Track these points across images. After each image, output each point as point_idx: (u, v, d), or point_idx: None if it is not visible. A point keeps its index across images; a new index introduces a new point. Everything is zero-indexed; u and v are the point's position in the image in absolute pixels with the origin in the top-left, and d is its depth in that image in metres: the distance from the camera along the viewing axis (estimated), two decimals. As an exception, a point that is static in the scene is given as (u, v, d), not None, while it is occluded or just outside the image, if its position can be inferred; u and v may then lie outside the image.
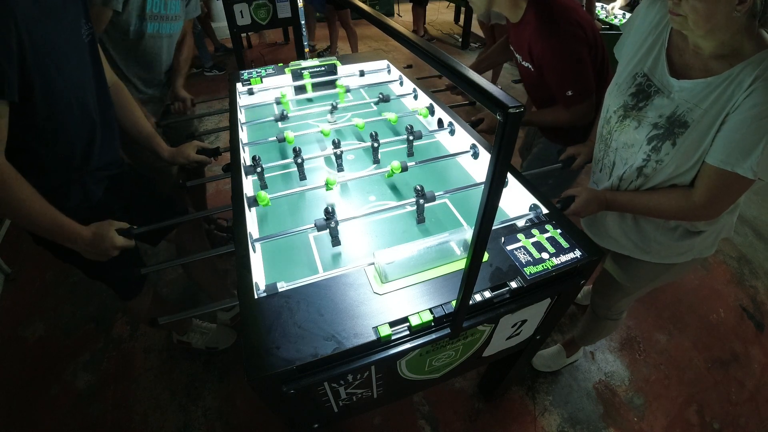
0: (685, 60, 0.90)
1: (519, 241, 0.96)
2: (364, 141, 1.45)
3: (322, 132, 1.41)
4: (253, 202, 1.08)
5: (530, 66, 1.38)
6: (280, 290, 0.86)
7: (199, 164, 1.43)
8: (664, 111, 0.92)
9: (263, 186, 1.27)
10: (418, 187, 1.06)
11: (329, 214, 0.99)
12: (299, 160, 1.25)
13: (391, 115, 1.49)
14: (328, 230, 1.01)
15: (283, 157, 1.40)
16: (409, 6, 5.29)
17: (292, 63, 1.86)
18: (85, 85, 1.07)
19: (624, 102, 1.01)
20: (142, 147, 1.38)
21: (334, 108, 1.59)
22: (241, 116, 1.60)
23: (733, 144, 0.82)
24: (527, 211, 1.07)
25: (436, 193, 1.08)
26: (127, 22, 1.45)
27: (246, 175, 1.22)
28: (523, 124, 1.57)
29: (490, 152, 1.16)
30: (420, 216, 1.11)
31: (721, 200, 0.91)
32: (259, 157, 1.23)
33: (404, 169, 1.19)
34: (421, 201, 1.07)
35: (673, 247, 1.10)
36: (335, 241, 1.03)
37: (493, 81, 3.94)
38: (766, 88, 0.77)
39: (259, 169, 1.21)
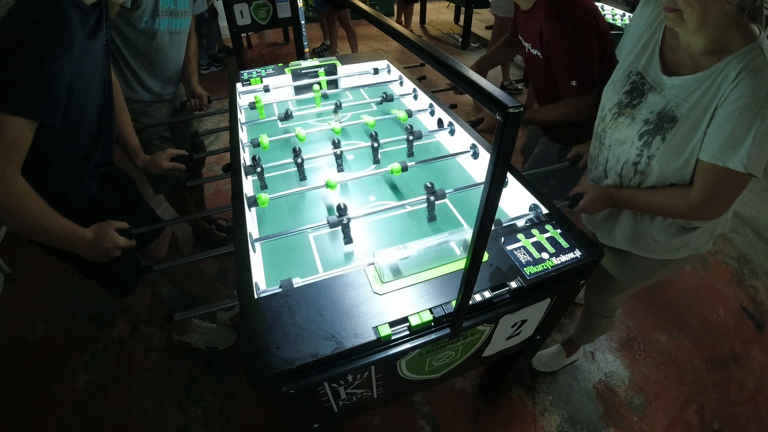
0: (677, 58, 0.92)
1: (519, 241, 0.96)
2: (366, 140, 1.45)
3: (333, 130, 1.41)
4: (253, 202, 1.09)
5: (539, 53, 1.38)
6: (295, 286, 0.86)
7: (174, 171, 1.40)
8: (655, 107, 0.94)
9: (263, 186, 1.27)
10: (429, 184, 1.07)
11: (341, 211, 1.00)
12: (299, 160, 1.25)
13: (401, 113, 1.50)
14: (340, 228, 1.02)
15: (285, 156, 1.40)
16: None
17: (292, 63, 1.86)
18: (101, 95, 1.10)
19: (619, 100, 1.02)
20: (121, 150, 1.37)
21: (338, 107, 1.59)
22: (241, 116, 1.60)
23: (722, 138, 0.83)
24: (527, 211, 1.07)
25: (449, 191, 1.08)
26: (139, 18, 1.44)
27: (246, 175, 1.21)
28: (524, 122, 1.57)
29: (490, 152, 1.16)
30: (431, 213, 1.12)
31: (719, 198, 0.90)
32: (259, 157, 1.23)
33: (404, 169, 1.19)
34: (432, 198, 1.07)
35: (669, 243, 1.11)
36: (347, 239, 1.04)
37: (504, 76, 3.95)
38: (751, 78, 0.77)
39: (258, 169, 1.21)
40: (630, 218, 1.13)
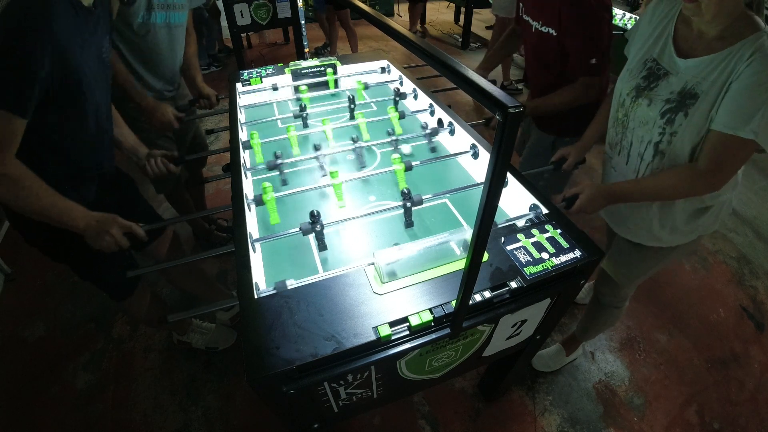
0: (690, 44, 0.99)
1: (519, 241, 0.96)
2: (366, 141, 1.45)
3: (324, 132, 1.41)
4: (260, 200, 1.09)
5: (552, 31, 1.37)
6: (289, 287, 0.86)
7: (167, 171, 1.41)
8: (674, 88, 1.00)
9: (284, 183, 1.28)
10: (405, 190, 1.06)
11: (314, 217, 0.99)
12: (278, 162, 1.26)
13: (393, 114, 1.49)
14: (314, 234, 1.01)
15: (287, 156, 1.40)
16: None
17: (292, 63, 1.86)
18: (105, 104, 1.11)
19: (636, 84, 1.08)
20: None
21: (351, 101, 1.60)
22: (241, 116, 1.60)
23: (735, 110, 0.89)
24: (527, 211, 1.07)
25: (436, 194, 1.08)
26: (135, 14, 1.42)
27: (246, 175, 1.22)
28: (533, 113, 1.58)
29: (490, 152, 1.16)
30: (408, 220, 1.10)
31: (726, 166, 0.96)
32: (280, 152, 1.26)
33: (408, 168, 1.19)
34: (408, 204, 1.07)
35: (685, 229, 1.15)
36: (322, 245, 1.03)
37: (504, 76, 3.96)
38: (763, 59, 0.85)
39: (279, 162, 1.25)
40: (653, 209, 1.16)
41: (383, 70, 1.97)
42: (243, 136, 1.47)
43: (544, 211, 1.04)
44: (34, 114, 0.90)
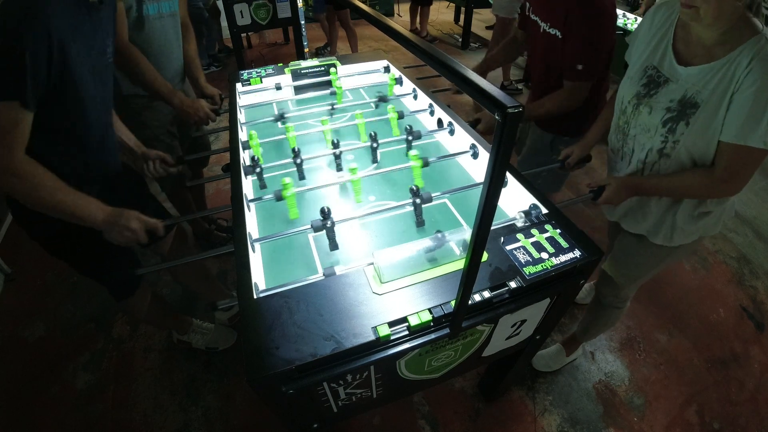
0: (690, 50, 0.99)
1: (518, 241, 0.96)
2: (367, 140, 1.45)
3: (324, 132, 1.41)
4: (279, 195, 1.10)
5: (558, 33, 1.38)
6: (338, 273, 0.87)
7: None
8: (674, 96, 1.00)
9: (262, 186, 1.26)
10: (414, 188, 1.06)
11: (325, 214, 0.98)
12: (298, 161, 1.25)
13: (392, 114, 1.49)
14: (324, 232, 1.01)
15: (284, 156, 1.40)
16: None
17: (292, 63, 1.86)
18: (106, 105, 1.11)
19: (637, 92, 1.09)
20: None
21: (332, 108, 1.60)
22: (241, 116, 1.60)
23: (741, 120, 0.90)
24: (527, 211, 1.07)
25: (436, 194, 1.07)
26: (128, 8, 1.40)
27: (246, 175, 1.21)
28: (527, 119, 1.58)
29: (489, 152, 1.16)
30: (419, 218, 1.10)
31: (741, 174, 0.97)
32: (257, 158, 1.22)
33: (426, 164, 1.20)
34: (418, 201, 1.07)
35: (686, 230, 1.16)
36: (333, 244, 1.02)
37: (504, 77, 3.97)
38: (762, 65, 0.86)
39: (258, 170, 1.21)
40: (658, 208, 1.17)
41: (387, 69, 1.97)
42: (243, 136, 1.47)
43: (544, 210, 1.04)
44: (37, 113, 0.90)
